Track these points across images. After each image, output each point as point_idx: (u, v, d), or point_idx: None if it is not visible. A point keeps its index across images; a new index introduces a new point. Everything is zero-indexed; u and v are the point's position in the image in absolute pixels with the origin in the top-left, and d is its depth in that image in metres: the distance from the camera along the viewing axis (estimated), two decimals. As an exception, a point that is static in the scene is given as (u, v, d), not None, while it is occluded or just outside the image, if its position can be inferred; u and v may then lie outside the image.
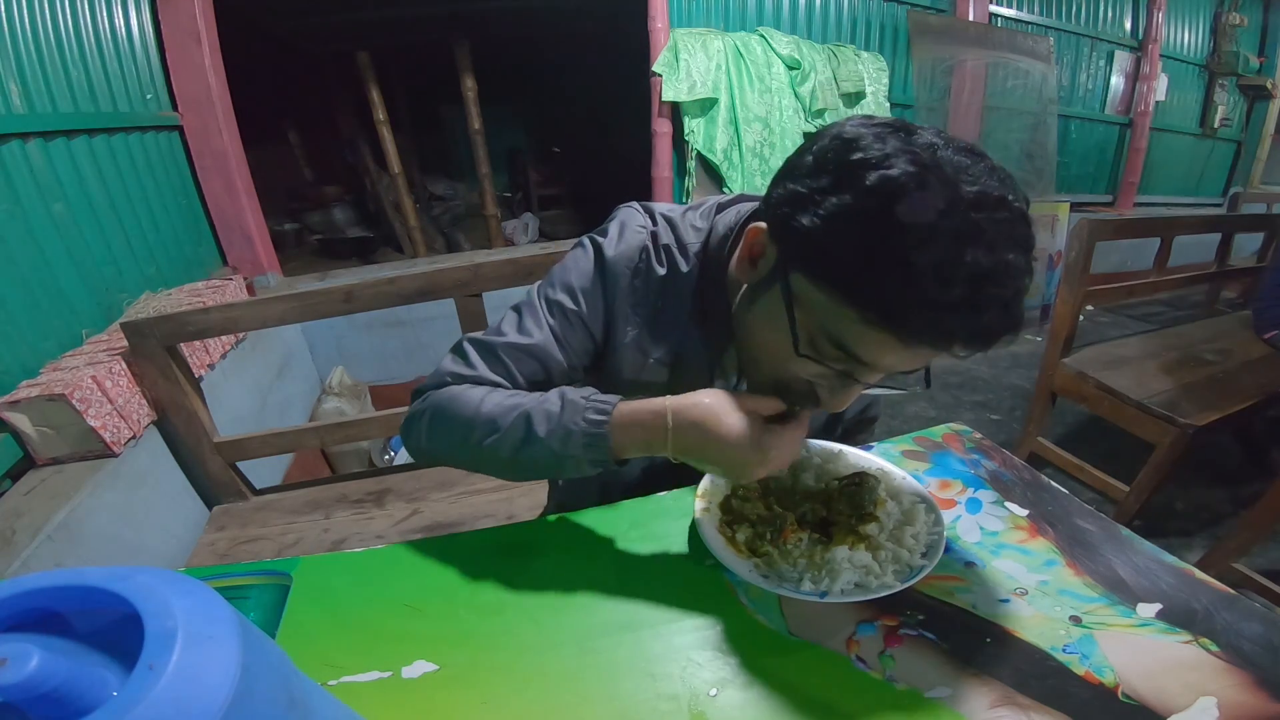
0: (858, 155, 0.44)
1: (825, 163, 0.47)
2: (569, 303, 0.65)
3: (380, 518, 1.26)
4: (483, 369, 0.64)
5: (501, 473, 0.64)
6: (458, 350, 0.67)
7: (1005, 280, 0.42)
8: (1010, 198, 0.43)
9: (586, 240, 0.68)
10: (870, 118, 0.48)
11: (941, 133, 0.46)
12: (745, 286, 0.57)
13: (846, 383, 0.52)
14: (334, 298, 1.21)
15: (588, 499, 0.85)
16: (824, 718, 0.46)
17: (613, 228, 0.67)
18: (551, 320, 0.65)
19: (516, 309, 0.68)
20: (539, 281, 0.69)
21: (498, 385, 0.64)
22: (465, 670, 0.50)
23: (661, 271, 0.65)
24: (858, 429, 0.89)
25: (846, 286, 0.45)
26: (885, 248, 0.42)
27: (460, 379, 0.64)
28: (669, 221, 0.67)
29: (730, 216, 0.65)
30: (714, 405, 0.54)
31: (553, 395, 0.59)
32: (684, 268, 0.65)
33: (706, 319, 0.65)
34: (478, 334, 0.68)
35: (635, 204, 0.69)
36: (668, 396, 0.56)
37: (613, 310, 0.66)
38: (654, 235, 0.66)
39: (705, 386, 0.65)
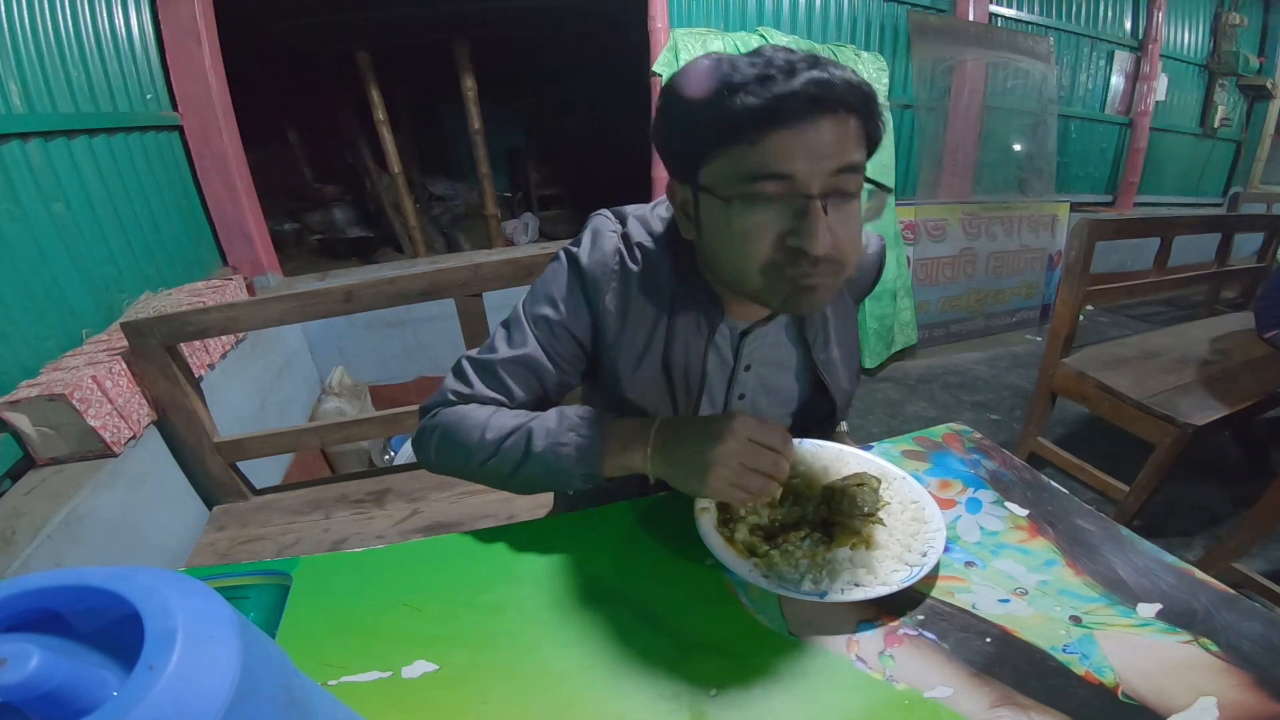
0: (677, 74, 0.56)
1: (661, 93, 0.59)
2: (551, 313, 0.69)
3: (380, 518, 1.26)
4: (480, 387, 0.69)
5: (505, 487, 0.69)
6: (457, 370, 0.72)
7: (796, 54, 0.52)
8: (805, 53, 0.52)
9: (561, 253, 0.71)
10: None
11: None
12: (696, 226, 0.61)
13: (800, 208, 0.53)
14: (334, 298, 1.21)
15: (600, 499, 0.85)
16: (824, 718, 0.46)
17: (585, 237, 0.70)
18: (537, 332, 0.69)
19: (505, 325, 0.72)
20: (523, 298, 0.72)
21: (497, 401, 0.69)
22: (465, 670, 0.50)
23: (636, 268, 0.68)
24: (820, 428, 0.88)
25: (712, 134, 0.54)
26: (710, 92, 0.52)
27: (462, 397, 0.70)
28: (638, 219, 0.70)
29: None
30: (700, 418, 0.62)
31: (552, 413, 0.65)
32: (658, 255, 0.68)
33: (689, 297, 0.68)
34: (473, 352, 0.73)
35: (605, 210, 0.73)
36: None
37: (596, 313, 0.69)
38: (625, 236, 0.69)
39: (699, 367, 0.70)
